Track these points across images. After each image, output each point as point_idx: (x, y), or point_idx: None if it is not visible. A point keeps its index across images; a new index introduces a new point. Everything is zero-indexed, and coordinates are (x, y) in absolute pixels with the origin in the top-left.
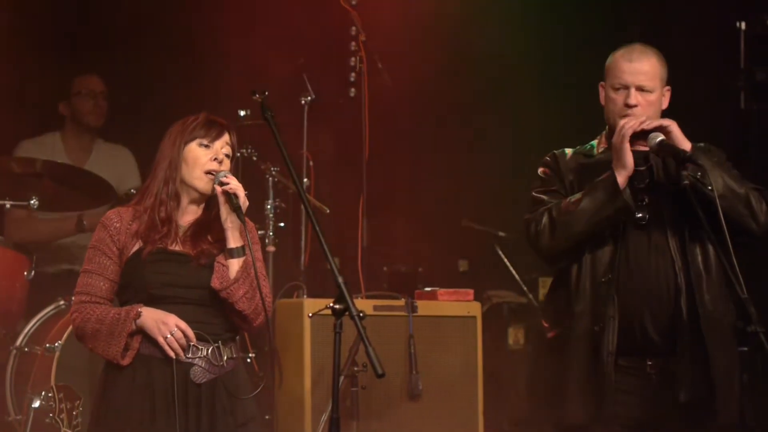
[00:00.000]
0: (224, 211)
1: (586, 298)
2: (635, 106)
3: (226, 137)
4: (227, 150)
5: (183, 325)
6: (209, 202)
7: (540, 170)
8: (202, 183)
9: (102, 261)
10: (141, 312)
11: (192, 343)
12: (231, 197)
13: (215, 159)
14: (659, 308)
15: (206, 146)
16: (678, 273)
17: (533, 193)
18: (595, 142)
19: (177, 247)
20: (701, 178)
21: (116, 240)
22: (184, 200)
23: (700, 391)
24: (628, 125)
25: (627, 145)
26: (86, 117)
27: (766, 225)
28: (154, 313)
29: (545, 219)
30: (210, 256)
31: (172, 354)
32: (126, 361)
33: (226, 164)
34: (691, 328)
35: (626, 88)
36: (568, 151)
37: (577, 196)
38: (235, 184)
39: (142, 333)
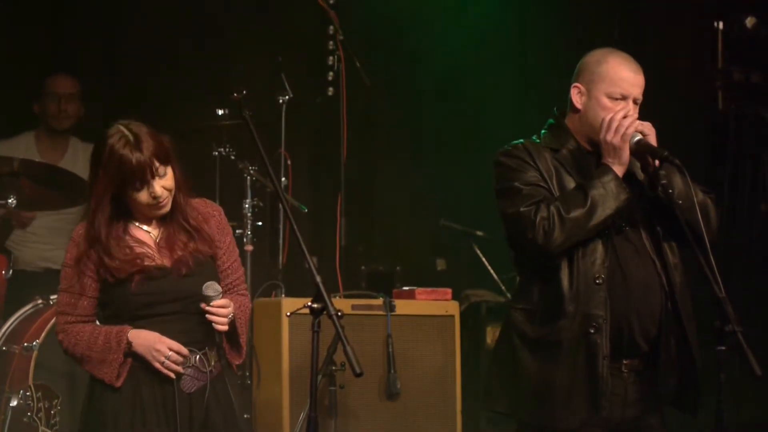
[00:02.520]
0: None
1: (580, 299)
2: None
3: (154, 165)
4: (160, 170)
5: (175, 346)
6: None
7: (511, 161)
8: (159, 212)
9: (81, 280)
10: (131, 342)
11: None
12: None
13: (155, 199)
14: (647, 311)
15: (142, 189)
16: (660, 274)
17: (516, 184)
18: (548, 137)
19: (155, 260)
20: (666, 186)
21: (91, 257)
22: (147, 216)
23: (685, 391)
24: (627, 125)
25: (627, 145)
26: (50, 120)
27: (716, 231)
28: (144, 339)
29: (553, 214)
30: (188, 265)
31: (171, 375)
32: (120, 383)
33: (168, 177)
34: (677, 330)
35: (625, 99)
36: (534, 143)
37: (578, 192)
38: (221, 321)
39: (134, 354)
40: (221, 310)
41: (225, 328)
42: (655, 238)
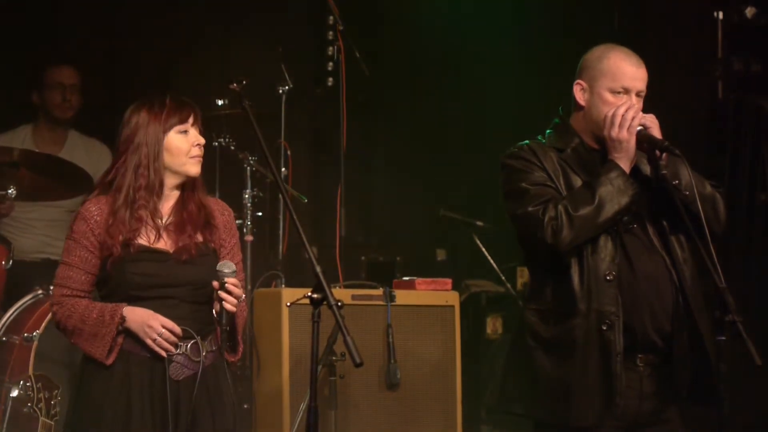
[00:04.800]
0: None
1: (591, 296)
2: None
3: (197, 117)
4: (200, 128)
5: (169, 323)
6: (186, 182)
7: (518, 163)
8: (193, 168)
9: (82, 254)
10: (125, 317)
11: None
12: (222, 311)
13: (197, 144)
14: (659, 306)
15: (185, 132)
16: (671, 270)
17: (523, 185)
18: (553, 137)
19: (158, 243)
20: (672, 179)
21: (97, 234)
22: (170, 184)
23: (700, 385)
24: (631, 118)
25: (634, 138)
26: (54, 110)
27: (725, 226)
28: (138, 316)
29: (561, 213)
30: (190, 253)
31: (162, 353)
32: (110, 361)
33: (202, 141)
34: (689, 324)
35: (627, 92)
36: (540, 144)
37: (586, 190)
38: (232, 300)
39: (127, 332)
40: (235, 289)
41: (235, 309)
42: (662, 234)
